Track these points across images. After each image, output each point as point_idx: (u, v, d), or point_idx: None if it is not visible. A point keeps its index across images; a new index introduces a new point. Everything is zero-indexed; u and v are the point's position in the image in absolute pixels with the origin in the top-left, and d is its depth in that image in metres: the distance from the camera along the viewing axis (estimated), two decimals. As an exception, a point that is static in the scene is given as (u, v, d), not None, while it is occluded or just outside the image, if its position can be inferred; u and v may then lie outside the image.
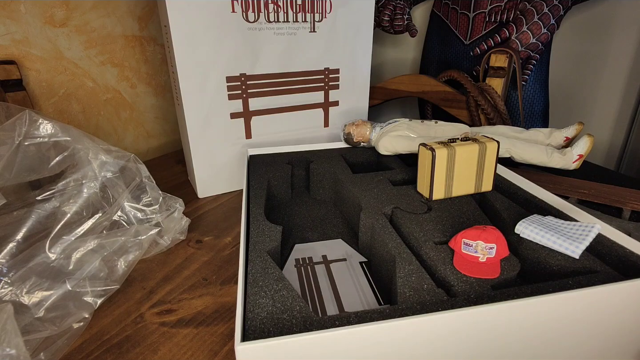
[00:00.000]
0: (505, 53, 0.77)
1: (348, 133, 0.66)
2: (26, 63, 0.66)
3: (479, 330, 0.30)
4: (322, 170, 0.60)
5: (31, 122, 0.42)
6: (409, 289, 0.34)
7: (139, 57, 0.84)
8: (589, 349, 0.34)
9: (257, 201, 0.48)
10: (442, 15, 0.98)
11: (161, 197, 0.51)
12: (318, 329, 0.29)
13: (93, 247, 0.43)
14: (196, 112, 0.61)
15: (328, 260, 0.46)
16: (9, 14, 0.62)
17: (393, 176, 0.56)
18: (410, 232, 0.42)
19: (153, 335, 0.39)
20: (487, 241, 0.36)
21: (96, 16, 0.74)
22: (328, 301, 0.40)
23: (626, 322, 0.33)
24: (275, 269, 0.36)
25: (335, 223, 0.55)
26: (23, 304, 0.37)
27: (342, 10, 0.68)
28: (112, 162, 0.47)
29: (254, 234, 0.42)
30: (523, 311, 0.30)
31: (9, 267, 0.38)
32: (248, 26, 0.60)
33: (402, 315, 0.29)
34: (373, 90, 0.88)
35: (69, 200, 0.43)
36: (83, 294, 0.40)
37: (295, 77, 0.68)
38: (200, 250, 0.53)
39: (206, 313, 0.42)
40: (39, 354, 0.35)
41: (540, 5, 0.80)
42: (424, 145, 0.47)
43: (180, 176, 0.77)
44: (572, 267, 0.36)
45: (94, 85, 0.77)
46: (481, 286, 0.34)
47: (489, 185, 0.50)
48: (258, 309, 0.31)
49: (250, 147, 0.66)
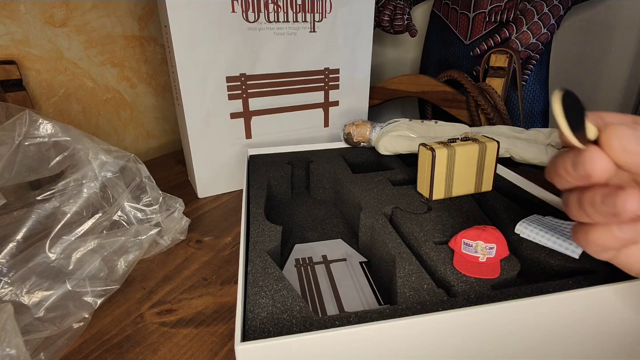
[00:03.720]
0: (505, 53, 0.77)
1: (348, 133, 0.66)
2: (26, 63, 0.66)
3: (479, 330, 0.30)
4: (322, 170, 0.60)
5: (31, 122, 0.42)
6: (409, 289, 0.34)
7: (139, 57, 0.84)
8: (589, 349, 0.34)
9: (257, 201, 0.48)
10: (442, 15, 0.98)
11: (161, 197, 0.51)
12: (318, 329, 0.29)
13: (93, 247, 0.43)
14: (196, 112, 0.61)
15: (328, 260, 0.46)
16: (9, 14, 0.62)
17: (393, 176, 0.56)
18: (410, 232, 0.42)
19: (153, 335, 0.39)
20: (487, 241, 0.36)
21: (96, 16, 0.74)
22: (328, 301, 0.40)
23: (626, 322, 0.33)
24: (275, 269, 0.36)
25: (335, 223, 0.55)
26: (23, 304, 0.37)
27: (342, 10, 0.68)
28: (112, 162, 0.47)
29: (254, 234, 0.42)
30: (523, 311, 0.30)
31: (9, 267, 0.38)
32: (248, 26, 0.60)
33: (402, 315, 0.29)
34: (373, 90, 0.88)
35: (69, 200, 0.43)
36: (83, 294, 0.40)
37: (295, 77, 0.68)
38: (200, 250, 0.53)
39: (206, 313, 0.42)
40: (39, 354, 0.35)
41: (540, 5, 0.80)
42: (424, 145, 0.47)
43: (180, 176, 0.77)
44: (572, 267, 0.36)
45: (94, 85, 0.77)
46: (481, 286, 0.34)
47: (489, 185, 0.50)
48: (258, 309, 0.31)
49: (250, 147, 0.66)
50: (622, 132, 0.21)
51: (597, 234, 0.24)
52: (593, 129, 0.22)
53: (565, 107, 0.22)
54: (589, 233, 0.24)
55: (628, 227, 0.23)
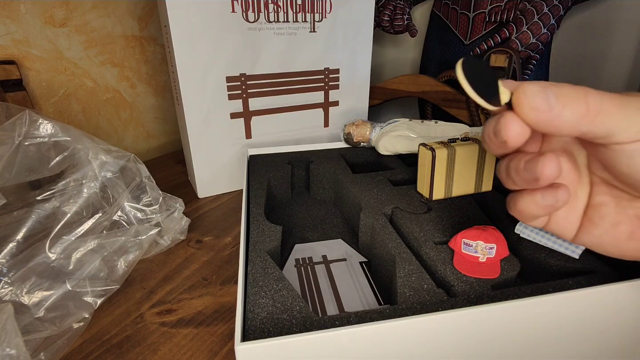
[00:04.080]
0: (505, 53, 0.77)
1: (348, 133, 0.66)
2: (26, 63, 0.66)
3: (479, 330, 0.30)
4: (322, 170, 0.60)
5: (31, 122, 0.42)
6: (409, 289, 0.34)
7: (139, 57, 0.84)
8: (589, 349, 0.34)
9: (257, 201, 0.48)
10: (442, 15, 0.98)
11: (161, 197, 0.51)
12: (318, 329, 0.29)
13: (93, 247, 0.43)
14: (196, 112, 0.61)
15: (328, 260, 0.46)
16: (9, 14, 0.62)
17: (393, 176, 0.56)
18: (410, 232, 0.42)
19: (153, 335, 0.39)
20: (487, 241, 0.36)
21: (96, 16, 0.74)
22: (328, 301, 0.40)
23: (626, 322, 0.33)
24: (275, 269, 0.36)
25: (335, 223, 0.55)
26: (23, 304, 0.37)
27: (342, 10, 0.68)
28: (112, 162, 0.47)
29: (254, 234, 0.42)
30: (523, 311, 0.30)
31: (9, 267, 0.38)
32: (248, 26, 0.60)
33: (402, 315, 0.29)
34: (373, 90, 0.88)
35: (69, 200, 0.43)
36: (83, 294, 0.40)
37: (295, 77, 0.68)
38: (200, 250, 0.53)
39: (206, 313, 0.42)
40: (39, 354, 0.35)
41: (540, 5, 0.80)
42: (424, 145, 0.47)
43: (180, 176, 0.77)
44: (572, 267, 0.36)
45: (94, 85, 0.77)
46: (481, 286, 0.34)
47: (489, 185, 0.50)
48: (258, 309, 0.31)
49: (250, 147, 0.66)
50: (530, 90, 0.21)
51: (523, 202, 0.25)
52: (506, 93, 0.22)
53: (469, 74, 0.21)
54: (517, 202, 0.25)
55: (548, 193, 0.24)
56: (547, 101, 0.20)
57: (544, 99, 0.20)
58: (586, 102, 0.20)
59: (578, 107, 0.20)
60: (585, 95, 0.20)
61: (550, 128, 0.21)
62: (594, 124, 0.21)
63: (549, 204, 0.24)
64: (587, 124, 0.21)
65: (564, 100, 0.20)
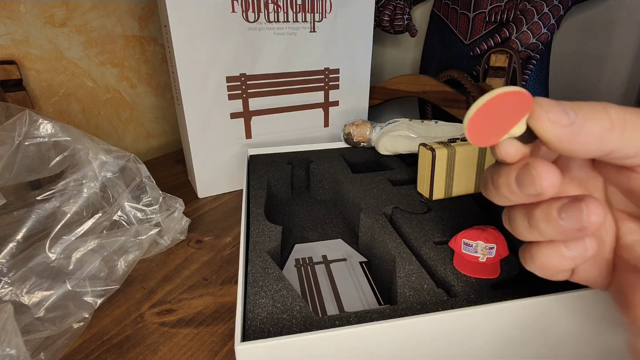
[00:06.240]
0: (505, 53, 0.77)
1: (348, 133, 0.66)
2: (26, 63, 0.66)
3: (479, 330, 0.30)
4: (322, 170, 0.60)
5: (31, 122, 0.42)
6: (409, 289, 0.34)
7: (139, 57, 0.84)
8: (589, 349, 0.34)
9: (257, 201, 0.48)
10: (442, 15, 0.98)
11: (161, 197, 0.51)
12: (318, 329, 0.29)
13: (93, 247, 0.43)
14: (196, 112, 0.61)
15: (328, 260, 0.46)
16: (8, 14, 0.62)
17: (393, 176, 0.56)
18: (410, 232, 0.42)
19: (153, 335, 0.39)
20: (487, 241, 0.36)
21: (96, 16, 0.74)
22: (328, 301, 0.40)
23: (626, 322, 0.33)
24: (275, 269, 0.36)
25: (335, 223, 0.55)
26: (23, 304, 0.37)
27: (342, 10, 0.68)
28: (112, 162, 0.47)
29: (254, 234, 0.42)
30: (523, 311, 0.30)
31: (9, 267, 0.38)
32: (248, 26, 0.60)
33: (402, 315, 0.29)
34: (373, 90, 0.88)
35: (69, 200, 0.43)
36: (83, 294, 0.40)
37: (295, 77, 0.68)
38: (200, 250, 0.53)
39: (206, 313, 0.42)
40: (39, 354, 0.35)
41: (540, 5, 0.80)
42: (424, 145, 0.47)
43: (180, 176, 0.77)
44: (572, 267, 0.36)
45: (94, 85, 0.77)
46: (481, 286, 0.34)
47: (489, 185, 0.50)
48: (258, 309, 0.31)
49: (250, 147, 0.66)
50: (546, 102, 0.18)
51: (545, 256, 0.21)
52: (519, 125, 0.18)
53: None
54: (537, 256, 0.22)
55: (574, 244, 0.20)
56: (566, 113, 0.17)
57: (562, 111, 0.18)
58: (607, 114, 0.18)
59: (600, 119, 0.18)
60: (604, 108, 0.18)
61: (574, 145, 0.18)
62: (623, 139, 0.18)
63: (577, 254, 0.20)
64: (615, 139, 0.18)
65: (583, 112, 0.18)
